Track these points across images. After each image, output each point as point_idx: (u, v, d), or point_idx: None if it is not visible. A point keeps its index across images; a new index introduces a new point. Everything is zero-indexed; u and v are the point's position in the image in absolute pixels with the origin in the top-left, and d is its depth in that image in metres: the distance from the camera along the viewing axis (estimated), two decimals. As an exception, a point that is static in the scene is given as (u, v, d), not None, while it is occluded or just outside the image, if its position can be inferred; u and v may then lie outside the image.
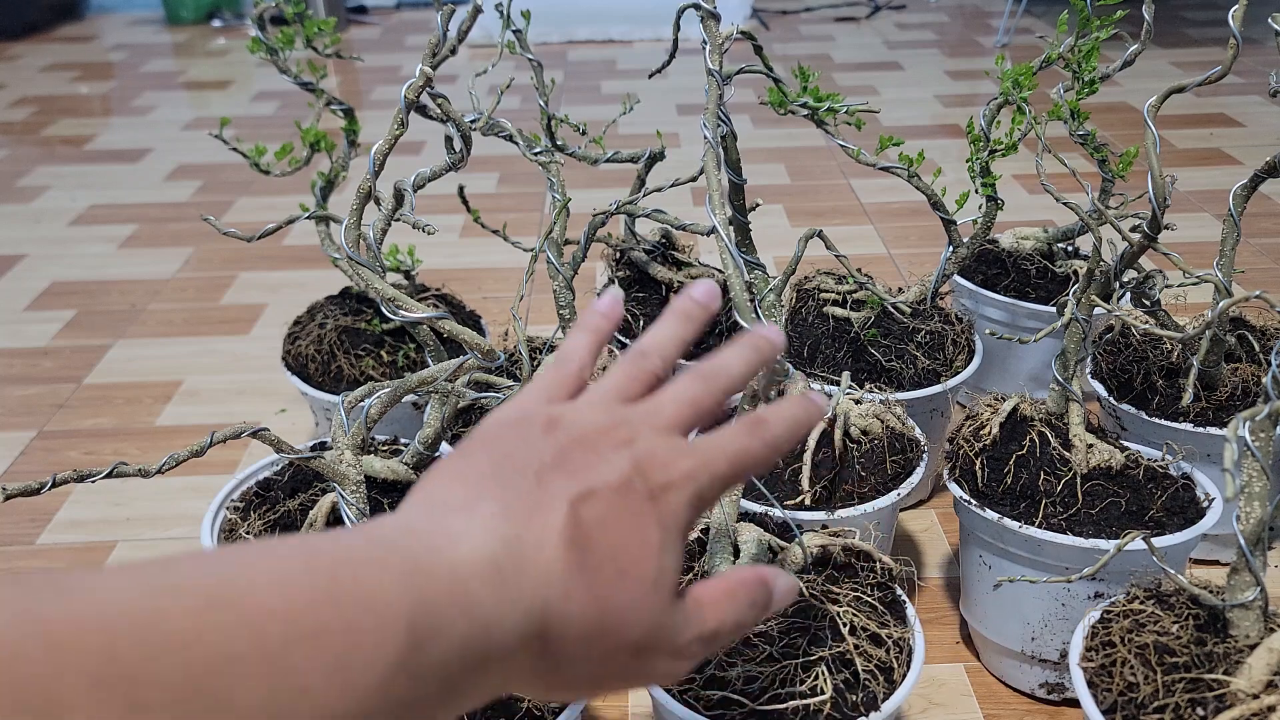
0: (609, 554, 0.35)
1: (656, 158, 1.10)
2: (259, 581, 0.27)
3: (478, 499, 0.35)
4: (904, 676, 0.69)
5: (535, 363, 1.02)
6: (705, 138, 0.67)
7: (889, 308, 1.06)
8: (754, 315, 0.65)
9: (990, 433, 0.88)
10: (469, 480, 0.36)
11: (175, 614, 0.25)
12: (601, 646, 0.35)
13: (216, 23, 3.77)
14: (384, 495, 0.86)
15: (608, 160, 1.07)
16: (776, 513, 0.82)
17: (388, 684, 0.28)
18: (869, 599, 0.72)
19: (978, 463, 0.87)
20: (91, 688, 0.23)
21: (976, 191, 0.97)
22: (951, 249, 1.04)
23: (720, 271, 1.20)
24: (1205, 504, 0.85)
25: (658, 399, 0.40)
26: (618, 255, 1.24)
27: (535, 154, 0.96)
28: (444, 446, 0.95)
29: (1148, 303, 0.97)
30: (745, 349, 0.42)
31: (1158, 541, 0.79)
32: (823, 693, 0.66)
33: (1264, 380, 0.65)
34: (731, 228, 0.89)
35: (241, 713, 0.25)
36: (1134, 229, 0.91)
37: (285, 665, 0.26)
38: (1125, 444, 0.89)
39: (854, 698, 0.67)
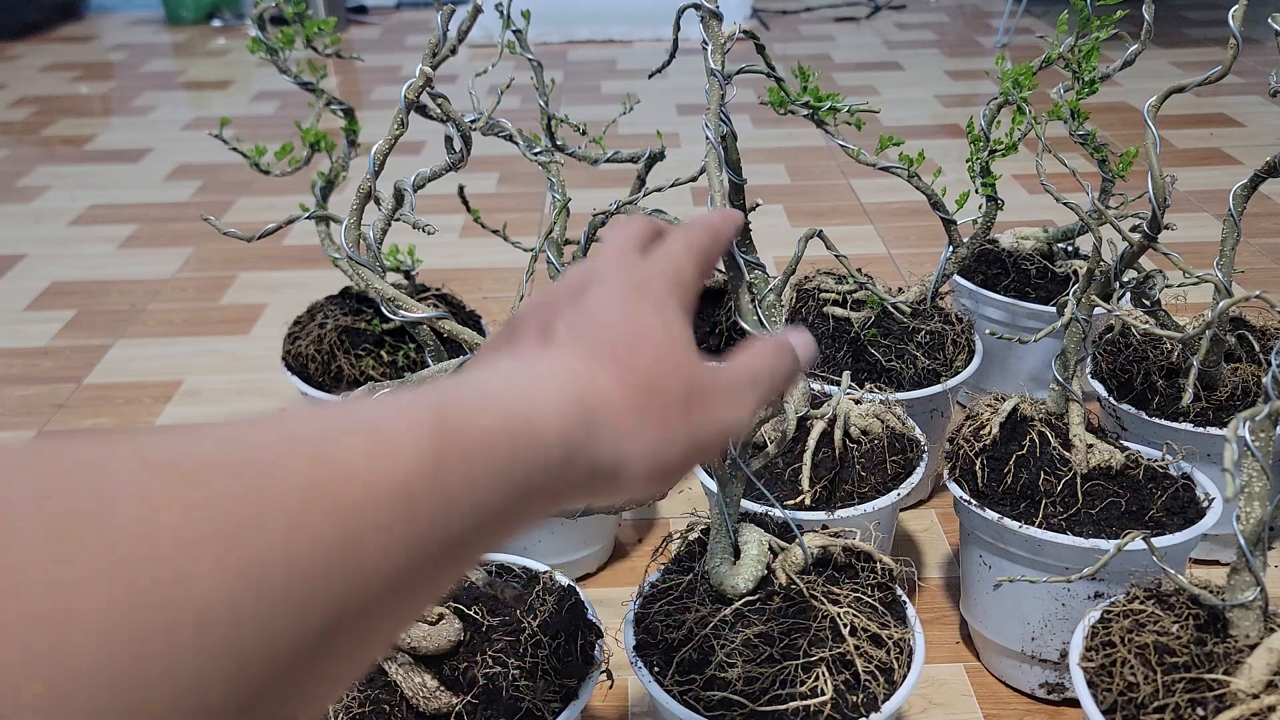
0: (615, 335, 0.37)
1: (656, 158, 1.10)
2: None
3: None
4: (904, 677, 0.69)
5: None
6: (707, 138, 0.67)
7: (889, 308, 1.06)
8: (755, 315, 0.65)
9: (990, 433, 0.88)
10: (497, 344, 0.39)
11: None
12: (652, 410, 0.36)
13: (216, 23, 3.77)
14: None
15: (608, 160, 1.07)
16: (777, 513, 0.82)
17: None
18: (869, 599, 0.72)
19: (978, 463, 0.87)
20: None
21: (976, 191, 0.97)
22: (951, 249, 1.04)
23: (721, 271, 1.20)
24: (1205, 504, 0.84)
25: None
26: (618, 255, 1.24)
27: (535, 154, 0.96)
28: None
29: (1148, 303, 0.97)
30: (717, 213, 0.46)
31: (1158, 541, 0.79)
32: (823, 693, 0.66)
33: (1264, 380, 0.65)
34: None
35: (288, 493, 0.24)
36: (1134, 229, 0.91)
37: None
38: (1125, 444, 0.89)
39: (854, 698, 0.67)
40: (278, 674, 0.23)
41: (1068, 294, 0.89)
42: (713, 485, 0.81)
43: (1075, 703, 0.88)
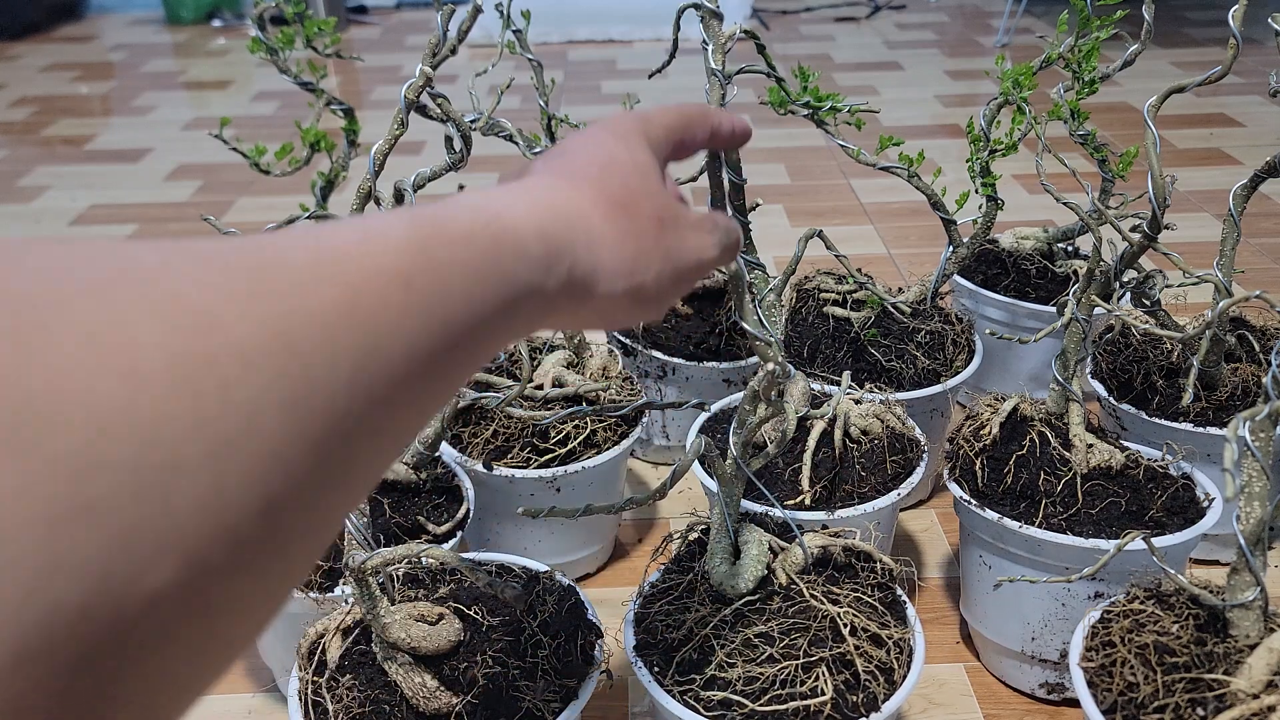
0: (586, 162, 0.39)
1: (656, 158, 1.10)
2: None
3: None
4: (904, 677, 0.69)
5: (535, 362, 1.02)
6: (705, 138, 0.67)
7: (889, 308, 1.06)
8: (756, 315, 0.65)
9: (990, 433, 0.88)
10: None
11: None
12: (627, 223, 0.38)
13: (216, 23, 3.77)
14: (384, 495, 0.86)
15: (608, 160, 1.07)
16: (777, 513, 0.82)
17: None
18: (869, 599, 0.72)
19: (978, 463, 0.87)
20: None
21: (976, 191, 0.97)
22: (951, 249, 1.04)
23: (721, 271, 1.20)
24: (1205, 504, 0.84)
25: None
26: (618, 255, 1.24)
27: (535, 154, 0.95)
28: (444, 446, 0.95)
29: (1148, 303, 0.97)
30: (727, 113, 0.50)
31: (1158, 541, 0.79)
32: (823, 693, 0.66)
33: (1264, 380, 0.65)
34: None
35: (293, 265, 0.26)
36: (1134, 229, 0.91)
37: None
38: (1125, 444, 0.89)
39: (854, 698, 0.67)
40: (317, 446, 0.23)
41: (1068, 294, 0.89)
42: (713, 485, 0.81)
43: (1075, 703, 0.88)
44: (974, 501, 0.86)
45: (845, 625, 0.69)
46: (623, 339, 1.18)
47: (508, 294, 0.32)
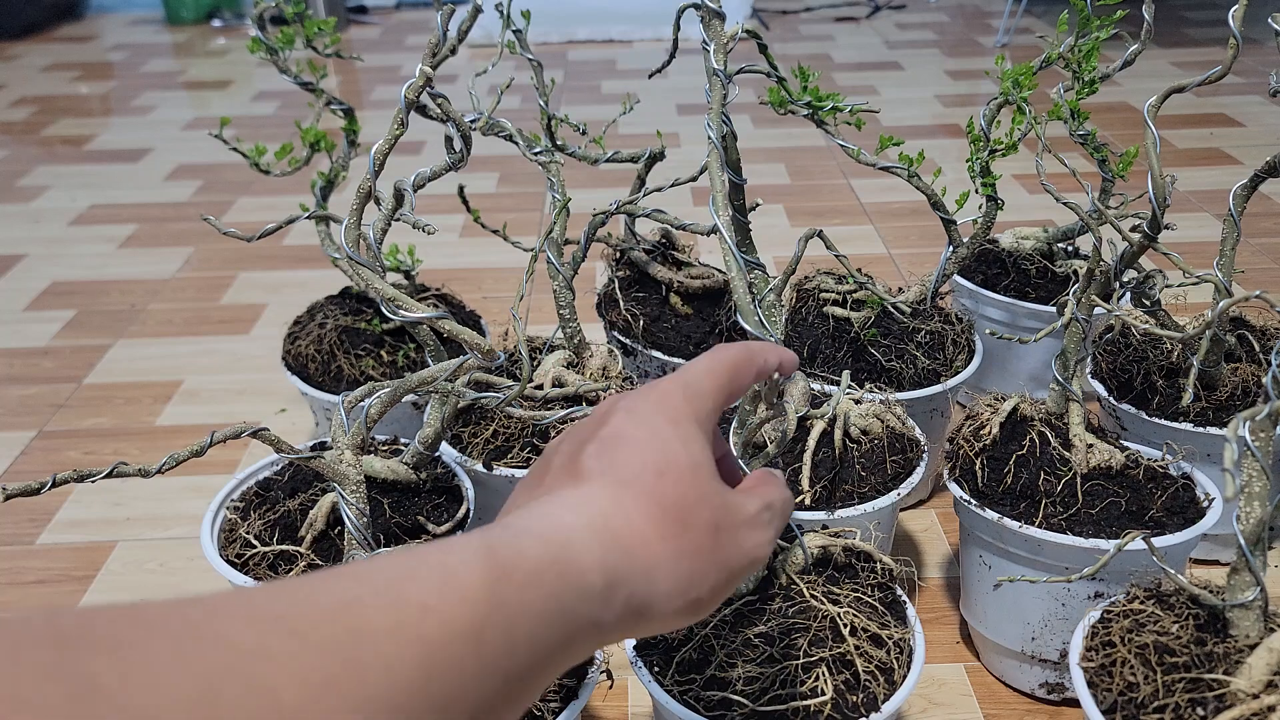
0: (640, 464, 0.38)
1: (656, 158, 1.10)
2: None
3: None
4: (904, 677, 0.69)
5: (535, 362, 1.02)
6: (709, 138, 0.67)
7: (889, 308, 1.06)
8: (755, 315, 0.65)
9: (990, 433, 0.88)
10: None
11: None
12: (684, 543, 0.38)
13: (216, 23, 3.77)
14: (384, 495, 0.86)
15: (608, 160, 1.07)
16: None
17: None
18: (869, 599, 0.72)
19: (978, 463, 0.87)
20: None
21: (976, 191, 0.97)
22: (951, 249, 1.04)
23: (721, 271, 1.20)
24: (1205, 504, 0.84)
25: None
26: (618, 255, 1.24)
27: (535, 154, 0.96)
28: (444, 446, 0.95)
29: (1148, 303, 0.97)
30: (770, 345, 0.47)
31: (1158, 541, 0.79)
32: (823, 693, 0.66)
33: (1264, 380, 0.65)
34: (732, 228, 0.89)
35: (377, 634, 0.27)
36: (1134, 229, 0.91)
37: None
38: (1125, 444, 0.89)
39: (854, 698, 0.67)
40: None
41: (1068, 294, 0.89)
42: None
43: (1075, 703, 0.88)
44: (974, 501, 0.86)
45: (845, 625, 0.69)
46: (623, 339, 1.18)
47: (569, 631, 0.33)
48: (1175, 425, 0.96)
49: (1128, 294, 0.95)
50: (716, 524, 0.39)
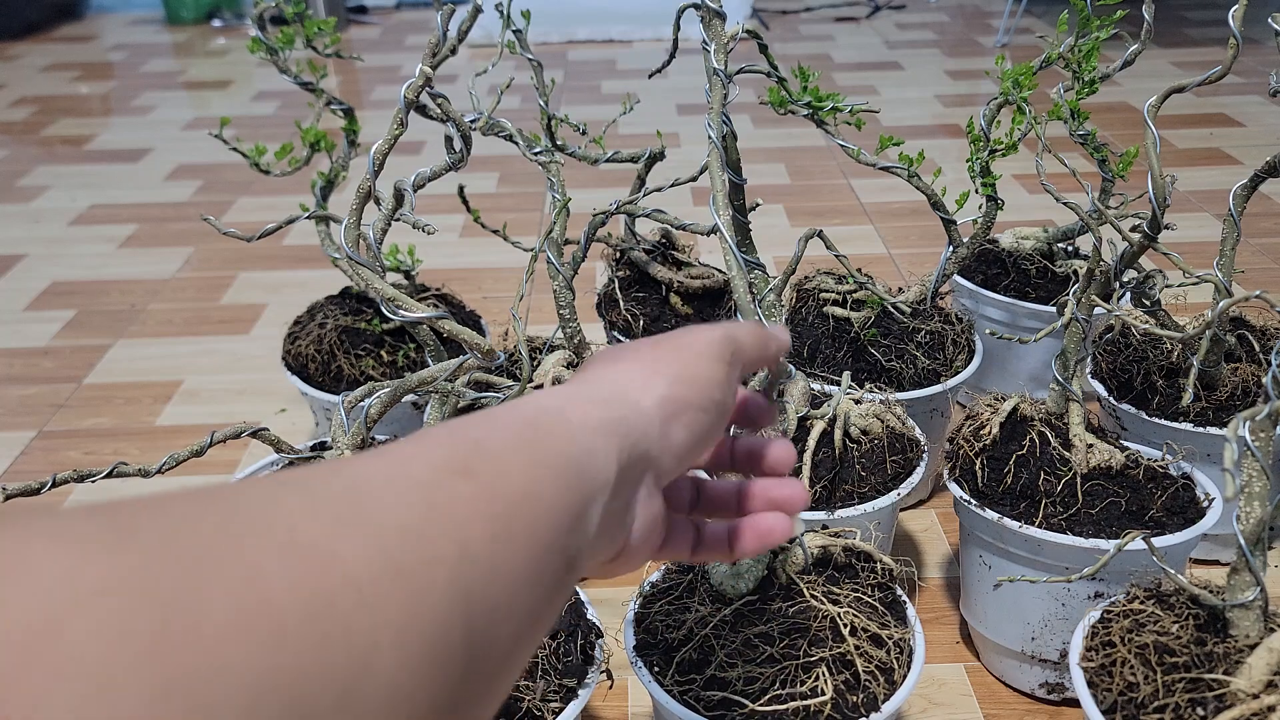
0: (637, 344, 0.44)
1: (656, 158, 1.10)
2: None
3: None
4: (904, 677, 0.69)
5: (535, 362, 1.02)
6: (709, 138, 0.67)
7: (889, 308, 1.06)
8: (756, 315, 0.65)
9: (990, 433, 0.88)
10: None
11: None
12: (645, 350, 0.43)
13: (216, 23, 3.77)
14: (384, 495, 0.86)
15: (608, 160, 1.07)
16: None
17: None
18: (869, 599, 0.72)
19: (978, 463, 0.87)
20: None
21: (976, 191, 0.97)
22: (951, 249, 1.04)
23: (721, 271, 1.20)
24: (1205, 504, 0.84)
25: None
26: (618, 255, 1.24)
27: (535, 154, 0.96)
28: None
29: (1148, 303, 0.97)
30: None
31: (1158, 541, 0.79)
32: (823, 693, 0.66)
33: (1264, 380, 0.65)
34: (732, 228, 0.89)
35: (375, 481, 0.29)
36: (1134, 229, 0.91)
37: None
38: (1125, 444, 0.89)
39: (854, 698, 0.67)
40: (432, 678, 0.26)
41: (1068, 294, 0.89)
42: (713, 485, 0.81)
43: (1075, 703, 0.88)
44: (974, 501, 0.86)
45: (845, 625, 0.69)
46: (623, 339, 1.18)
47: (557, 465, 0.34)
48: (1175, 425, 0.96)
49: (1128, 294, 0.95)
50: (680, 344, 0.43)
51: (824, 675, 0.66)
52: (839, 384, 0.97)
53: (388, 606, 0.25)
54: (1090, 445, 0.85)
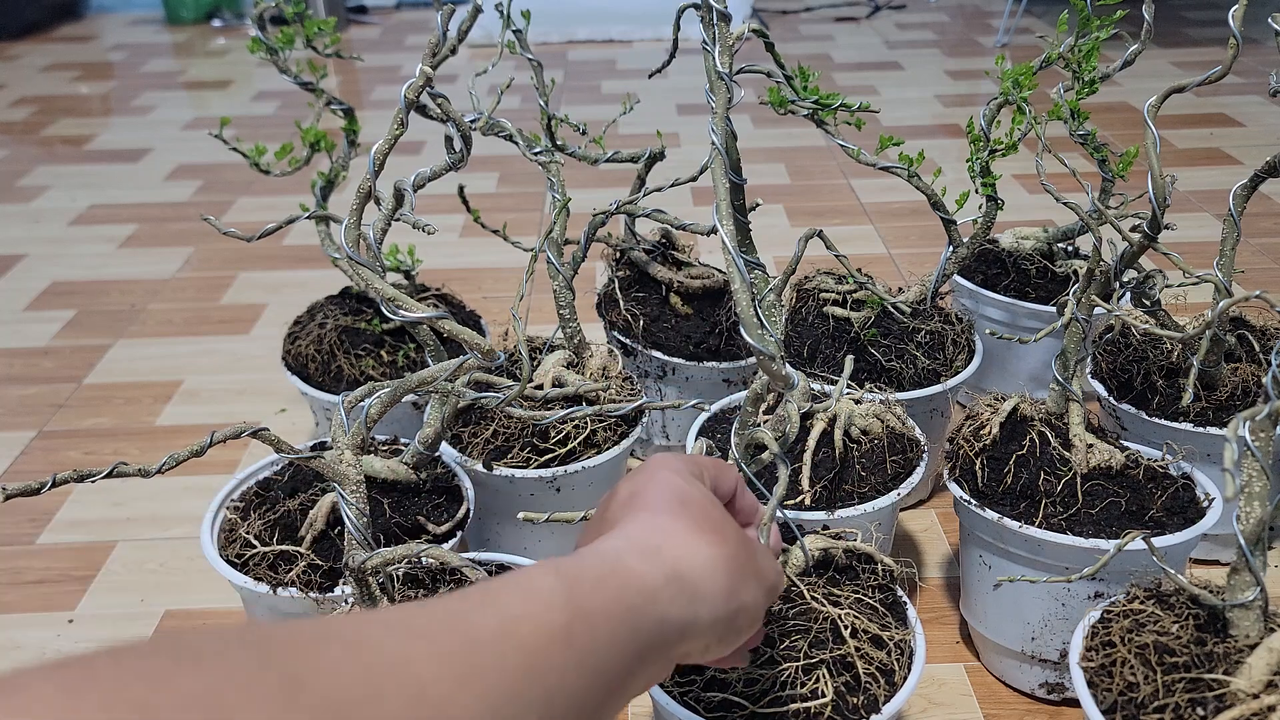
0: (653, 493, 0.46)
1: (656, 158, 1.10)
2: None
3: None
4: (905, 678, 0.69)
5: (535, 362, 1.02)
6: (713, 142, 0.67)
7: (889, 308, 1.06)
8: (756, 319, 0.65)
9: (990, 433, 0.88)
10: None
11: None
12: (721, 544, 0.44)
13: (216, 23, 3.77)
14: (384, 495, 0.86)
15: (608, 160, 1.07)
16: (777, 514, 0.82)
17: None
18: (870, 601, 0.72)
19: (978, 463, 0.87)
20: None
21: (976, 191, 0.97)
22: (951, 249, 1.04)
23: (721, 271, 1.20)
24: (1205, 504, 0.84)
25: None
26: (618, 255, 1.24)
27: (535, 154, 0.96)
28: (444, 446, 0.95)
29: (1148, 303, 0.97)
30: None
31: (1158, 541, 0.79)
32: (823, 695, 0.66)
33: (1264, 380, 0.65)
34: (734, 235, 0.89)
35: (486, 640, 0.33)
36: (1134, 229, 0.91)
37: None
38: (1125, 444, 0.89)
39: (855, 700, 0.67)
40: None
41: (1068, 294, 0.89)
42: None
43: (1075, 703, 0.88)
44: (974, 501, 0.86)
45: (846, 627, 0.69)
46: (623, 339, 1.18)
47: (639, 628, 0.38)
48: (1175, 425, 0.96)
49: (1128, 294, 0.95)
50: (742, 537, 0.45)
51: (824, 677, 0.66)
52: (839, 383, 0.97)
53: None
54: (1090, 445, 0.85)
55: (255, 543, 0.82)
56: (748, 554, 0.45)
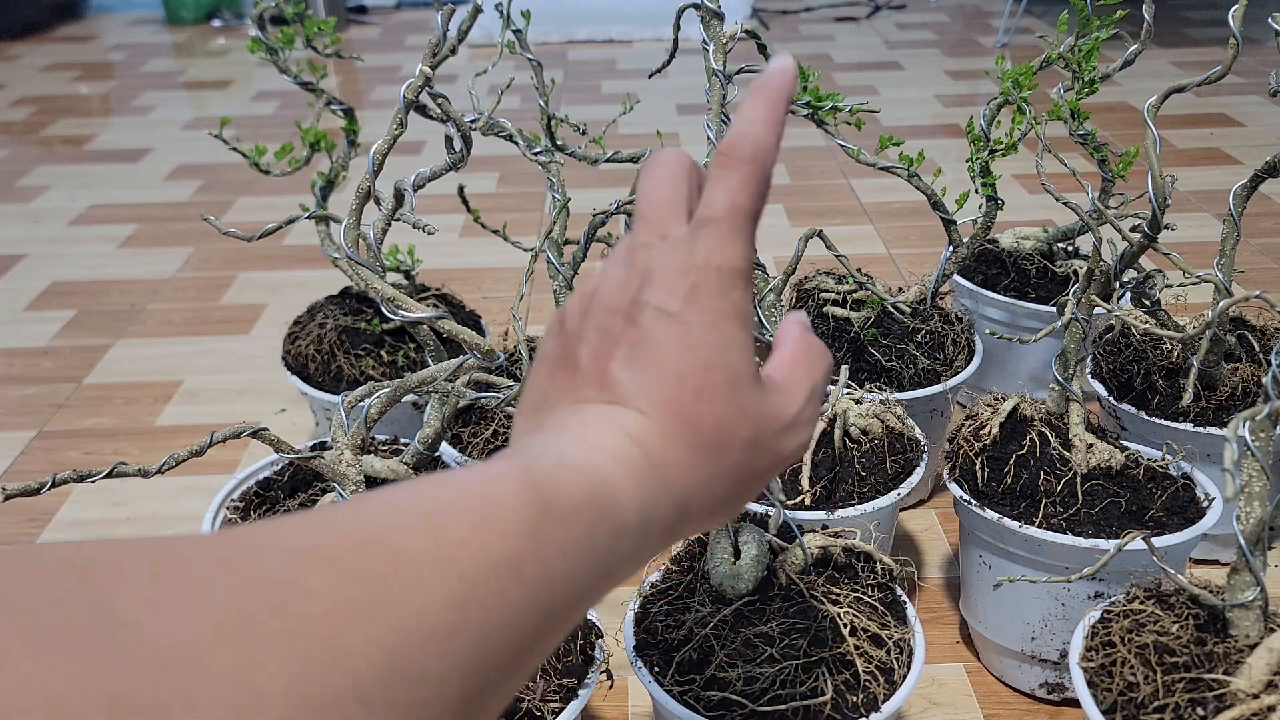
0: (678, 387, 0.35)
1: (656, 158, 1.10)
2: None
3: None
4: (904, 677, 0.69)
5: (535, 363, 1.02)
6: (709, 139, 0.67)
7: (889, 308, 1.06)
8: (755, 315, 0.65)
9: (990, 433, 0.88)
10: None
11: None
12: (721, 466, 0.36)
13: (216, 23, 3.77)
14: (384, 495, 0.86)
15: (608, 160, 1.07)
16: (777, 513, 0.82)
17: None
18: (869, 599, 0.72)
19: (978, 463, 0.87)
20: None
21: (976, 191, 0.97)
22: (951, 249, 1.04)
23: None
24: (1205, 504, 0.84)
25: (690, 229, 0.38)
26: (618, 255, 1.24)
27: (535, 154, 0.96)
28: (444, 446, 0.95)
29: (1148, 303, 0.97)
30: (758, 99, 0.37)
31: (1158, 541, 0.79)
32: (823, 693, 0.66)
33: (1264, 380, 0.65)
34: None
35: (414, 564, 0.26)
36: (1134, 229, 0.91)
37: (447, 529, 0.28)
38: (1125, 444, 0.89)
39: (854, 698, 0.67)
40: None
41: (1068, 294, 0.89)
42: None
43: (1075, 703, 0.88)
44: (974, 501, 0.86)
45: (845, 625, 0.69)
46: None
47: (605, 566, 0.33)
48: (1175, 425, 0.96)
49: (1128, 294, 0.95)
50: (755, 440, 0.37)
51: (824, 675, 0.66)
52: (838, 383, 0.97)
53: (391, 717, 0.24)
54: (1090, 445, 0.85)
55: (255, 543, 0.82)
56: (750, 459, 0.37)
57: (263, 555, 0.24)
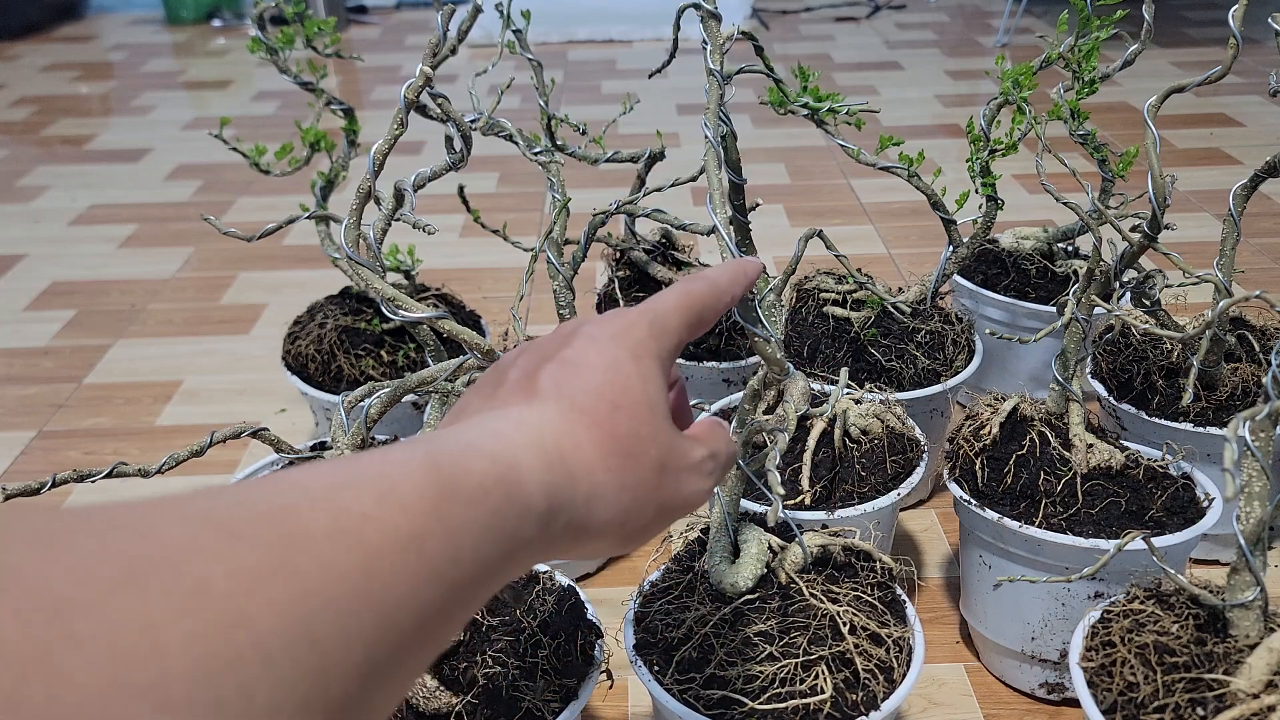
0: (596, 395, 0.39)
1: (656, 158, 1.10)
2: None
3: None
4: (904, 676, 0.69)
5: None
6: (706, 137, 0.67)
7: (889, 308, 1.06)
8: (756, 315, 0.65)
9: (990, 433, 0.88)
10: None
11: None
12: (628, 476, 0.38)
13: (216, 23, 3.77)
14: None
15: (608, 160, 1.07)
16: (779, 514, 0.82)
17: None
18: (869, 598, 0.72)
19: (978, 463, 0.87)
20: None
21: (976, 191, 0.97)
22: (951, 249, 1.04)
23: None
24: (1205, 504, 0.85)
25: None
26: (618, 255, 1.24)
27: (535, 154, 0.95)
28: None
29: (1148, 303, 0.97)
30: (735, 266, 0.48)
31: (1158, 541, 0.79)
32: (822, 692, 0.66)
33: (1264, 380, 0.65)
34: (731, 227, 0.89)
35: (314, 536, 0.27)
36: (1134, 229, 0.91)
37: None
38: (1125, 444, 0.89)
39: (854, 697, 0.67)
40: (331, 716, 0.25)
41: (1068, 294, 0.89)
42: (713, 485, 0.81)
43: (1075, 703, 0.88)
44: (974, 501, 0.86)
45: (845, 624, 0.69)
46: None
47: (510, 548, 0.33)
48: (1175, 425, 0.96)
49: (1128, 294, 0.95)
50: (662, 464, 0.40)
51: (823, 674, 0.66)
52: (839, 383, 0.97)
53: (295, 677, 0.23)
54: (1090, 445, 0.85)
55: (255, 542, 0.82)
56: (658, 479, 0.39)
57: (158, 521, 0.24)
